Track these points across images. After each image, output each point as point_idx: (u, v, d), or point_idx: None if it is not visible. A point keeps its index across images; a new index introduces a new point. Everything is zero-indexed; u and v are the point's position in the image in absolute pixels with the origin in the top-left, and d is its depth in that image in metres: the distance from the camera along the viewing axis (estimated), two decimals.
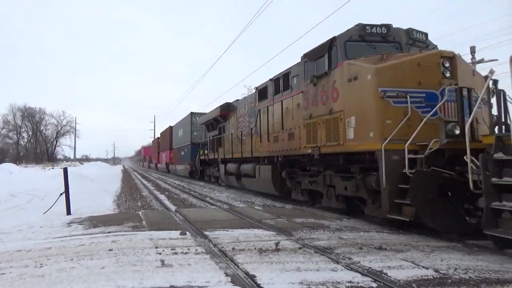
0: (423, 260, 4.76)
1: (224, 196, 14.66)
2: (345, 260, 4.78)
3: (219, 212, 9.61)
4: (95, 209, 10.37)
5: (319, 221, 7.86)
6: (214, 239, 5.99)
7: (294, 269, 4.36)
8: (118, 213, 10.05)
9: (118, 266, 4.48)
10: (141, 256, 4.91)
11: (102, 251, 5.19)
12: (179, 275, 4.12)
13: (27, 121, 75.33)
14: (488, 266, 4.54)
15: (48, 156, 74.82)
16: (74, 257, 4.91)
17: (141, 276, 4.07)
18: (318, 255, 5.01)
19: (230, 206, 11.11)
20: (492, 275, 4.20)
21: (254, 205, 11.37)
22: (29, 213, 9.63)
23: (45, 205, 10.04)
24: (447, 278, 4.08)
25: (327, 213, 9.06)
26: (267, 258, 4.85)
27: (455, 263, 4.63)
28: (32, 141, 77.95)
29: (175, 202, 13.03)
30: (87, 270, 4.33)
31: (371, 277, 4.07)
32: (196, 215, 8.78)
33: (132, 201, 13.43)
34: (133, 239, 5.95)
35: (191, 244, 5.68)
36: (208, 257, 4.90)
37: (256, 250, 5.25)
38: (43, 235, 6.58)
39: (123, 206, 11.73)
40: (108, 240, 5.93)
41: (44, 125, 77.76)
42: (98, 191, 16.15)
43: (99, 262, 4.66)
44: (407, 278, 4.05)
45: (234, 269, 4.39)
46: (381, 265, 4.54)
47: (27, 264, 4.63)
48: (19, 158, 66.52)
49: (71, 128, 76.96)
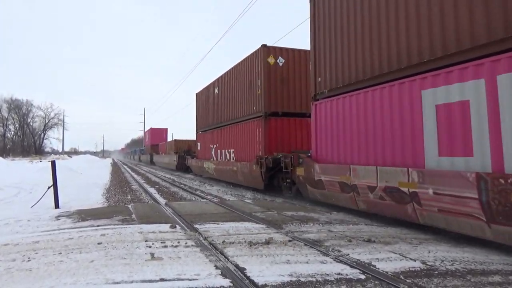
0: (411, 252, 4.84)
1: (215, 190, 14.65)
2: (334, 252, 4.83)
3: (210, 205, 9.61)
4: (84, 203, 10.28)
5: (309, 214, 7.92)
6: (204, 232, 5.99)
7: (284, 262, 4.40)
8: (108, 206, 9.97)
9: (108, 259, 4.46)
10: (131, 250, 4.89)
11: (91, 245, 5.15)
12: (169, 268, 4.12)
13: (13, 113, 73.96)
14: (474, 258, 4.63)
15: (36, 149, 73.73)
16: (63, 250, 4.86)
17: (130, 270, 4.06)
18: (308, 248, 5.05)
19: (220, 200, 11.11)
20: (477, 267, 4.29)
21: (245, 199, 11.40)
22: (16, 206, 9.49)
23: (33, 199, 9.92)
24: (434, 269, 4.15)
25: (317, 206, 9.13)
26: (257, 251, 4.88)
27: (442, 255, 4.71)
28: (19, 133, 76.62)
29: (165, 195, 12.98)
30: (76, 263, 4.29)
31: (360, 269, 4.12)
32: (186, 209, 8.77)
33: (122, 194, 13.34)
34: (123, 233, 5.92)
35: (181, 237, 5.67)
36: (198, 250, 4.91)
37: (246, 243, 5.27)
38: (30, 229, 6.50)
39: (112, 200, 11.64)
40: (97, 233, 5.89)
41: (32, 117, 76.50)
42: (87, 185, 15.99)
43: (88, 255, 4.63)
44: (394, 270, 4.11)
45: (224, 262, 4.40)
46: (370, 257, 4.60)
47: (15, 258, 4.58)
48: (5, 151, 65.35)
49: (59, 120, 76.00)
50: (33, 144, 76.29)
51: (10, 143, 75.90)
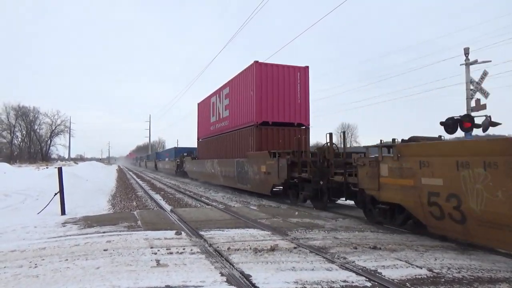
0: (417, 260, 4.80)
1: (220, 196, 14.66)
2: (340, 259, 4.81)
3: (215, 211, 9.61)
4: (90, 209, 10.33)
5: (314, 221, 7.89)
6: (209, 239, 6.00)
7: (289, 269, 4.38)
8: (113, 213, 10.01)
9: (113, 266, 4.47)
10: (136, 256, 4.90)
11: (97, 251, 5.17)
12: (174, 275, 4.12)
13: (21, 120, 74.57)
14: (481, 266, 4.59)
15: (42, 155, 74.19)
16: (69, 257, 4.89)
17: (136, 276, 4.07)
18: (313, 255, 5.03)
19: (225, 206, 11.11)
20: (484, 274, 4.25)
21: (250, 205, 11.38)
22: (23, 213, 9.56)
23: (39, 205, 9.98)
24: (441, 277, 4.12)
25: (322, 213, 9.10)
26: (262, 257, 4.87)
27: (449, 263, 4.67)
28: (26, 140, 77.20)
29: (170, 201, 13.01)
30: (82, 270, 4.32)
31: (366, 277, 4.10)
32: (192, 215, 8.78)
33: (127, 201, 13.39)
34: (128, 239, 5.94)
35: (186, 244, 5.68)
36: (204, 256, 4.91)
37: (251, 249, 5.26)
38: (37, 235, 6.54)
39: (118, 206, 11.69)
40: (103, 240, 5.92)
41: (38, 124, 77.04)
42: (93, 191, 16.07)
43: (94, 262, 4.65)
44: (401, 278, 4.08)
45: (229, 268, 4.40)
46: (376, 264, 4.58)
47: (22, 264, 4.61)
48: (12, 158, 65.81)
49: (65, 127, 76.42)
50: (39, 150, 76.82)
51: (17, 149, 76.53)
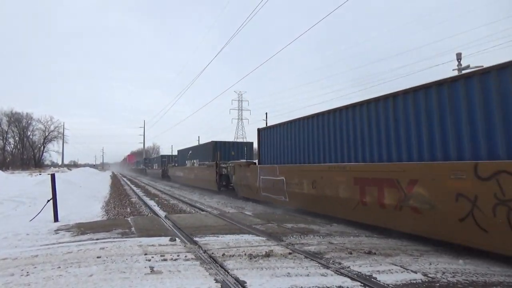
0: (412, 264, 4.81)
1: (215, 202, 14.60)
2: (335, 265, 4.80)
3: (209, 218, 9.56)
4: (83, 216, 10.23)
5: (309, 226, 7.88)
6: (204, 245, 5.96)
7: (285, 275, 4.36)
8: (107, 219, 9.92)
9: (107, 273, 4.42)
10: (130, 263, 4.85)
11: (90, 259, 5.11)
12: (168, 282, 4.08)
13: (13, 126, 73.95)
14: (475, 270, 4.60)
15: (35, 162, 73.54)
16: (62, 264, 4.83)
17: (129, 284, 4.02)
18: (308, 260, 5.01)
19: (220, 212, 11.07)
20: (479, 278, 4.26)
21: (245, 211, 11.35)
22: (15, 220, 9.44)
23: (32, 212, 9.87)
24: (435, 281, 4.12)
25: (317, 218, 9.09)
26: (257, 263, 4.84)
27: (443, 267, 4.68)
28: (19, 146, 76.49)
29: (164, 208, 12.93)
30: (75, 278, 4.26)
31: (361, 282, 4.09)
32: (186, 221, 8.73)
33: (121, 207, 13.29)
34: (122, 246, 5.88)
35: (180, 250, 5.63)
36: (198, 263, 4.87)
37: (246, 255, 5.23)
38: (29, 243, 6.46)
39: (111, 213, 11.59)
40: (97, 247, 5.85)
41: (31, 130, 76.43)
42: (86, 198, 15.93)
43: (87, 269, 4.59)
44: (396, 282, 4.08)
45: (224, 275, 4.36)
46: (371, 269, 4.57)
47: (13, 272, 4.54)
48: (5, 164, 65.14)
49: (59, 133, 75.89)
50: (32, 157, 76.14)
51: (10, 156, 75.74)
